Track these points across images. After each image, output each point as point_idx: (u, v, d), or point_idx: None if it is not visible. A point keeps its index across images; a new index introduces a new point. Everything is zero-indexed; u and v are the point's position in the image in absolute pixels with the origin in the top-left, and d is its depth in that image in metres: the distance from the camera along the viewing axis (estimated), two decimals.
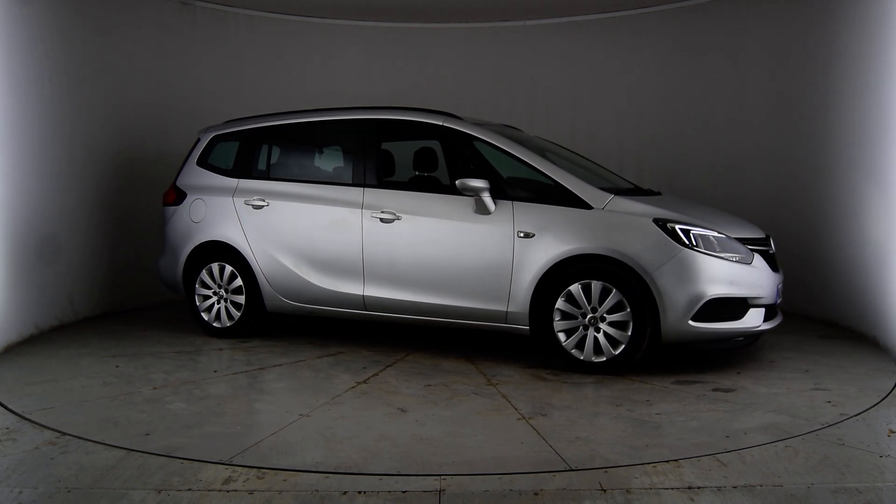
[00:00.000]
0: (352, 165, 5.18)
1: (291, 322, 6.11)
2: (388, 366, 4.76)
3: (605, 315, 4.38)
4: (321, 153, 5.71)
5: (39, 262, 5.58)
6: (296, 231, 5.21)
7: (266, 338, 5.59)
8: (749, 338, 4.57)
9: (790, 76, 6.41)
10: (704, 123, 7.17)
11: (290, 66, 7.83)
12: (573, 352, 4.46)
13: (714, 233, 4.38)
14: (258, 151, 5.62)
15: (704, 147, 7.17)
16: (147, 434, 3.47)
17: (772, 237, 4.93)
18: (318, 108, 5.65)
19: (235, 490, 2.83)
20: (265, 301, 5.39)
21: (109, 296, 6.53)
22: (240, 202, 5.44)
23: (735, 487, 2.83)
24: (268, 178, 5.49)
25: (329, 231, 5.08)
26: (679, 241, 4.29)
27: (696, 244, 4.30)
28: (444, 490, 2.83)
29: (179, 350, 5.24)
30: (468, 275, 4.66)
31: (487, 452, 3.22)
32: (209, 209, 5.56)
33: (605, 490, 2.82)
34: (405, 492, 2.81)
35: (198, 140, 5.92)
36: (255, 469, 3.02)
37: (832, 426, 3.53)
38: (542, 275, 4.46)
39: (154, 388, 4.27)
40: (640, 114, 7.55)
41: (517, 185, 4.69)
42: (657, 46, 7.42)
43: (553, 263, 4.44)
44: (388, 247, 4.89)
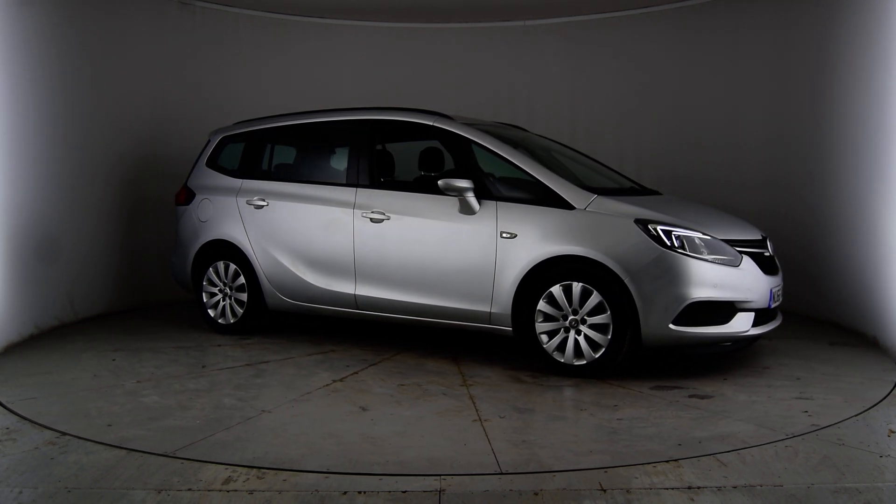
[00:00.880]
0: (346, 166, 5.24)
1: (295, 320, 6.14)
2: (373, 364, 4.79)
3: (586, 317, 4.29)
4: (318, 154, 5.76)
5: (39, 262, 5.58)
6: (293, 230, 5.29)
7: (267, 335, 5.67)
8: (738, 343, 4.41)
9: (789, 76, 6.41)
10: (704, 123, 7.17)
11: (290, 66, 7.83)
12: (554, 354, 4.39)
13: (699, 234, 4.25)
14: (261, 152, 5.75)
15: (704, 147, 7.17)
16: (109, 425, 3.59)
17: (769, 238, 4.82)
18: (318, 110, 5.70)
19: (235, 490, 2.83)
20: (266, 299, 5.48)
21: (109, 296, 6.53)
22: (242, 202, 5.55)
23: (735, 487, 2.83)
24: (268, 179, 5.59)
25: (324, 231, 5.14)
26: (660, 243, 4.17)
27: (678, 245, 4.17)
28: (444, 490, 2.83)
29: (180, 346, 5.35)
30: (453, 275, 4.65)
31: (425, 453, 3.21)
32: (215, 209, 5.68)
33: (605, 490, 2.82)
34: (405, 492, 2.81)
35: (208, 141, 6.06)
36: (256, 469, 3.02)
37: (832, 426, 3.53)
38: (524, 276, 4.41)
39: (138, 382, 4.40)
40: (640, 113, 7.55)
41: (503, 185, 4.64)
42: (657, 46, 7.42)
43: (534, 264, 4.38)
44: (378, 247, 4.93)
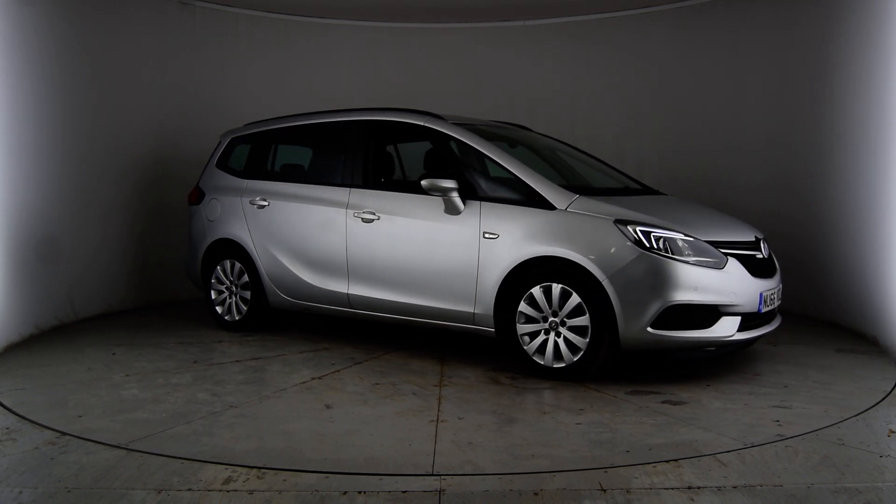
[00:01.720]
0: (341, 166, 5.29)
1: (300, 318, 6.17)
2: (359, 363, 4.83)
3: (566, 319, 4.23)
4: (316, 154, 5.82)
5: (39, 263, 5.58)
6: (292, 230, 5.36)
7: (270, 332, 5.75)
8: (724, 347, 4.26)
9: (790, 76, 6.40)
10: (704, 123, 7.16)
11: (290, 66, 7.83)
12: (535, 356, 4.34)
13: (680, 235, 4.13)
14: (264, 153, 5.86)
15: (704, 147, 7.16)
16: (79, 416, 3.73)
17: (763, 240, 4.67)
18: (319, 111, 5.75)
19: (235, 490, 2.83)
20: (268, 297, 5.58)
21: (109, 296, 6.53)
22: (246, 202, 5.67)
23: (735, 487, 2.83)
24: (270, 179, 5.68)
25: (319, 230, 5.20)
26: (638, 244, 4.08)
27: (658, 247, 4.07)
28: (444, 490, 2.83)
29: (182, 342, 5.45)
30: (438, 275, 4.65)
31: (365, 452, 3.23)
32: (222, 209, 5.81)
33: (605, 490, 2.82)
34: (405, 492, 2.81)
35: (219, 143, 6.19)
36: (256, 469, 3.02)
37: (832, 426, 3.53)
38: (505, 276, 4.37)
39: (126, 376, 4.53)
40: (641, 113, 7.55)
41: (488, 185, 4.60)
42: (657, 46, 7.42)
43: (515, 265, 4.34)
44: (369, 246, 4.96)
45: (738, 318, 4.17)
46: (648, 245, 4.07)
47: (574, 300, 4.18)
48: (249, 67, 7.64)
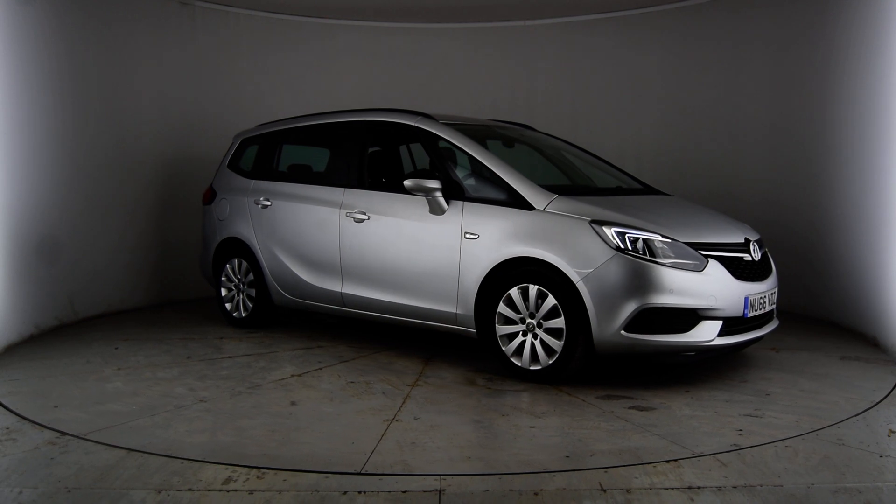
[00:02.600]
0: (337, 167, 5.36)
1: (306, 316, 6.20)
2: (345, 361, 4.86)
3: (542, 321, 4.17)
4: (315, 155, 5.89)
5: (39, 262, 5.58)
6: (292, 229, 5.44)
7: (274, 329, 5.85)
8: (704, 353, 4.12)
9: (790, 75, 6.40)
10: (704, 123, 7.16)
11: (290, 66, 7.82)
12: (513, 358, 4.30)
13: (658, 236, 4.02)
14: (268, 154, 5.94)
15: (704, 147, 7.16)
16: (55, 406, 3.88)
17: (756, 242, 4.49)
18: (320, 113, 5.80)
19: (235, 490, 2.83)
20: (271, 295, 5.65)
21: (109, 296, 6.53)
22: (251, 202, 5.75)
23: (735, 487, 2.83)
24: (273, 180, 5.75)
25: (316, 230, 5.25)
26: (612, 245, 3.99)
27: (633, 248, 3.98)
28: (444, 490, 2.83)
29: (186, 337, 5.57)
30: (423, 275, 4.65)
31: (307, 449, 3.27)
32: (231, 208, 5.90)
33: (605, 490, 2.82)
34: (405, 492, 2.81)
35: (231, 144, 6.28)
36: (256, 469, 3.02)
37: (832, 426, 3.53)
38: (485, 277, 4.34)
39: (118, 369, 4.65)
40: (641, 113, 7.55)
41: (472, 186, 4.58)
42: (657, 46, 7.42)
43: (493, 266, 4.30)
44: (359, 246, 4.98)
45: (720, 323, 4.04)
46: (623, 246, 3.98)
47: (550, 302, 4.12)
48: (249, 67, 7.63)
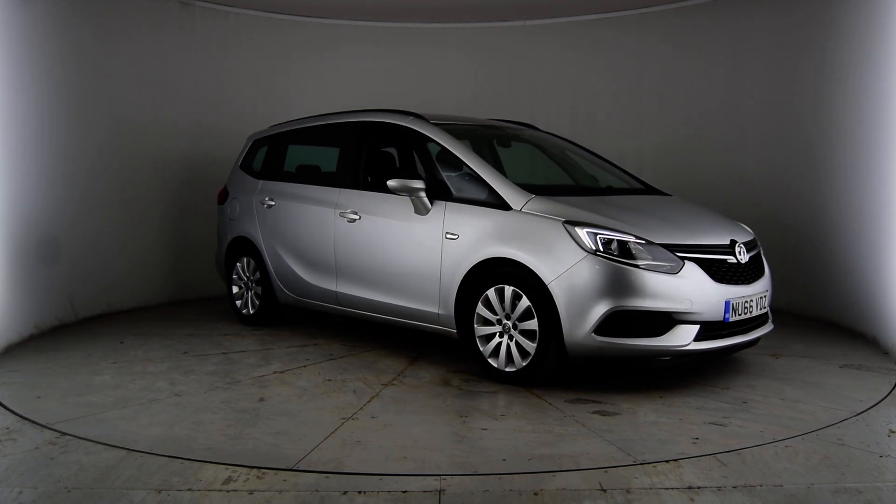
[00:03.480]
0: (333, 167, 5.41)
1: (313, 313, 6.22)
2: (332, 359, 4.91)
3: (517, 323, 4.12)
4: (315, 156, 5.95)
5: (39, 263, 5.58)
6: (292, 229, 5.52)
7: (278, 327, 5.94)
8: (680, 358, 3.98)
9: (790, 75, 6.40)
10: (705, 123, 7.16)
11: (290, 66, 7.82)
12: (490, 359, 4.27)
13: (632, 238, 3.93)
14: (275, 155, 6.03)
15: (704, 146, 7.16)
16: (38, 397, 4.05)
17: (745, 244, 4.34)
18: (326, 113, 5.85)
19: (235, 490, 2.83)
20: (276, 293, 5.72)
21: (109, 296, 6.53)
22: (258, 202, 5.84)
23: (735, 487, 2.83)
24: (278, 180, 5.83)
25: (314, 229, 5.32)
26: (584, 246, 3.92)
27: (605, 249, 3.90)
28: (444, 490, 2.83)
29: (192, 333, 5.70)
30: (408, 275, 4.66)
31: (250, 444, 3.32)
32: (241, 208, 6.01)
33: (605, 490, 2.82)
34: (405, 492, 2.81)
35: (245, 145, 6.38)
36: (256, 469, 3.02)
37: (832, 426, 3.53)
38: (464, 277, 4.32)
39: (113, 363, 4.80)
40: (641, 113, 7.55)
41: (456, 186, 4.54)
42: (657, 46, 7.41)
43: (472, 266, 4.28)
44: (352, 245, 5.02)
45: (697, 327, 3.93)
46: (595, 247, 3.91)
47: (524, 303, 4.07)
48: (249, 67, 7.63)
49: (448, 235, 4.42)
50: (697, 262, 4.00)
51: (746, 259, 4.28)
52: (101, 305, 6.43)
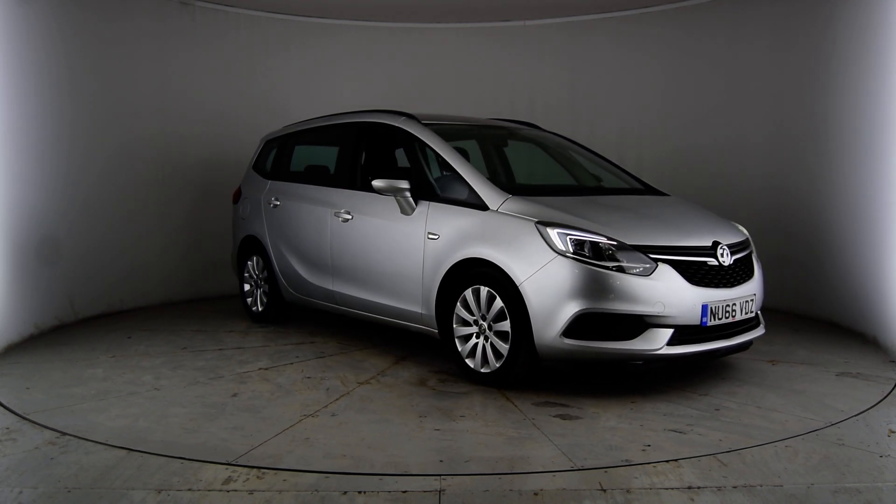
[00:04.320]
0: (331, 167, 5.47)
1: (323, 313, 6.23)
2: (321, 357, 4.95)
3: (492, 324, 4.10)
4: (316, 156, 5.99)
5: (39, 263, 5.58)
6: (294, 228, 5.59)
7: (283, 324, 6.03)
8: (653, 362, 3.89)
9: (790, 76, 6.40)
10: (704, 123, 7.16)
11: (291, 66, 7.82)
12: (467, 360, 4.26)
13: (603, 239, 3.86)
14: (282, 156, 6.11)
15: (704, 147, 7.16)
16: (27, 388, 4.15)
17: (726, 245, 4.19)
18: (331, 114, 5.89)
19: (235, 490, 2.83)
20: (282, 291, 5.80)
21: (109, 296, 6.53)
22: (265, 202, 5.93)
23: (735, 487, 2.84)
24: (284, 180, 5.91)
25: (313, 229, 5.37)
26: (554, 247, 3.87)
27: (575, 250, 3.83)
28: (444, 490, 2.83)
29: (199, 329, 5.84)
30: (393, 275, 4.68)
31: (204, 438, 3.37)
32: (251, 208, 6.11)
33: (605, 490, 2.82)
34: (405, 492, 2.81)
35: (258, 146, 6.47)
36: (256, 469, 3.02)
37: (832, 426, 3.53)
38: (443, 277, 4.31)
39: (111, 356, 4.90)
40: (641, 113, 7.55)
41: (441, 186, 4.54)
42: (657, 46, 7.42)
43: (450, 266, 4.27)
44: (346, 244, 5.06)
45: (670, 331, 3.82)
46: (565, 248, 3.85)
47: (498, 304, 4.05)
48: (249, 67, 7.63)
49: (429, 235, 4.43)
50: (672, 265, 3.90)
51: (730, 261, 4.14)
52: (102, 306, 6.43)
